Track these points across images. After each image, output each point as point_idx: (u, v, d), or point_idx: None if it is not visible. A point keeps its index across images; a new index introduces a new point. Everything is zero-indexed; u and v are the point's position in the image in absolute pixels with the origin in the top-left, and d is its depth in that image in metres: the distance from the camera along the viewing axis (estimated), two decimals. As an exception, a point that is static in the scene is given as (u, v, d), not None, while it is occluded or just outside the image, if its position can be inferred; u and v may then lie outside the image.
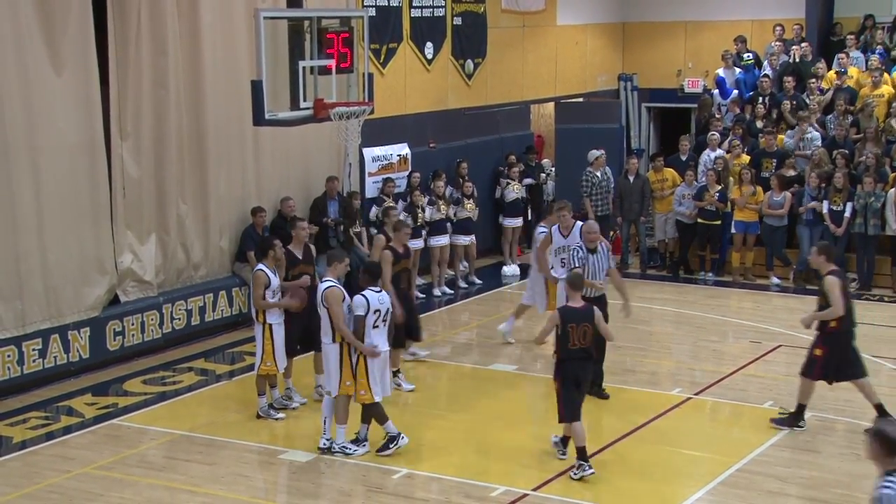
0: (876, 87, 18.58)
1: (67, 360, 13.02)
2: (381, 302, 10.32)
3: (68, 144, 12.89)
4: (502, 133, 19.72)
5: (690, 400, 11.99)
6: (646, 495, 9.78)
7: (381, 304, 10.31)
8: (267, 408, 11.63)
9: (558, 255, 12.81)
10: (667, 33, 22.84)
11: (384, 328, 10.38)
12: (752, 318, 15.51)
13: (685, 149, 18.54)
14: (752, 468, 10.20)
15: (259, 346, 11.47)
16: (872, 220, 16.29)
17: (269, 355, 11.39)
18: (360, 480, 10.04)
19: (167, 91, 13.93)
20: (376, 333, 10.28)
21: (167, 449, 10.93)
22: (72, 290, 13.04)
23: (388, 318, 10.42)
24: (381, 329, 10.34)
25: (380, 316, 10.29)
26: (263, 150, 15.38)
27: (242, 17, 14.46)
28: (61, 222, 12.89)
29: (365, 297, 10.25)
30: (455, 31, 18.72)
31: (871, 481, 9.66)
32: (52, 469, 10.41)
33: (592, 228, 12.05)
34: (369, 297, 10.27)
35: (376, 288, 10.40)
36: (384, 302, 10.37)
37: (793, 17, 20.99)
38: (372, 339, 10.24)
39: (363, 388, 10.28)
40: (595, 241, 11.89)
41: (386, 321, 10.38)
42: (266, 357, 11.40)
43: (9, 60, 12.19)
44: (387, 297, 10.49)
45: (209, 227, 14.80)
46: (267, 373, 11.51)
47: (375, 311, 10.25)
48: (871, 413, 10.95)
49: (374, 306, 10.24)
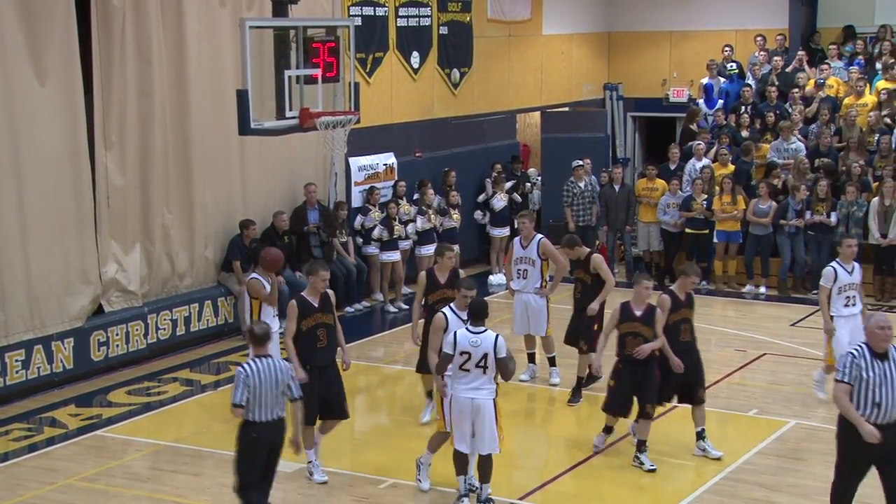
0: (860, 97, 18.67)
1: (51, 371, 12.94)
2: (473, 345, 9.13)
3: (52, 154, 12.83)
4: (488, 142, 19.74)
5: (676, 408, 11.97)
6: (632, 503, 9.78)
7: (472, 347, 9.13)
8: None
9: (516, 266, 12.75)
10: (652, 43, 22.91)
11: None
12: (736, 326, 15.53)
13: (675, 157, 18.56)
14: (738, 476, 10.21)
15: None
16: (854, 229, 16.36)
17: None
18: (346, 490, 10.00)
19: (152, 100, 13.89)
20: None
21: (152, 460, 10.87)
22: (55, 301, 12.96)
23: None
24: None
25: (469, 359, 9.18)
26: (249, 159, 15.34)
27: (228, 26, 14.44)
28: (45, 232, 12.82)
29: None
30: (441, 40, 18.73)
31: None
32: (36, 481, 10.33)
33: None
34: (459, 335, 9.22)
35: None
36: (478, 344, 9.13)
37: (776, 27, 21.09)
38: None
39: None
40: None
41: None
42: None
43: (-8, 70, 12.16)
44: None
45: (194, 237, 14.75)
46: None
47: (463, 352, 9.14)
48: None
49: (462, 347, 9.14)
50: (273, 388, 8.60)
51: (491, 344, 9.05)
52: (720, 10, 22.04)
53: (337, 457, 10.73)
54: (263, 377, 8.56)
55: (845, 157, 17.53)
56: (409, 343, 14.62)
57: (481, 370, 9.09)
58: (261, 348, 8.75)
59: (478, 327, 9.15)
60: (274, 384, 8.61)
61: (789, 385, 12.86)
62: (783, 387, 12.83)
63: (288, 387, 8.72)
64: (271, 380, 8.58)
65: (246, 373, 8.55)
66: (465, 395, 9.15)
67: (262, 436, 8.64)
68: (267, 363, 8.65)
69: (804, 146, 17.99)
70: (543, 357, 12.94)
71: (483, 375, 9.11)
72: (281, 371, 8.69)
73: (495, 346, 9.05)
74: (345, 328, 15.31)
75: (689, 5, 22.33)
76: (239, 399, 8.52)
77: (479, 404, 9.11)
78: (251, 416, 8.59)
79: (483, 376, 9.12)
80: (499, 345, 9.06)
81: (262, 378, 8.55)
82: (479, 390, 9.13)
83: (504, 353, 9.09)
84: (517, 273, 12.71)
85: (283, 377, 8.67)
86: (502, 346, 9.09)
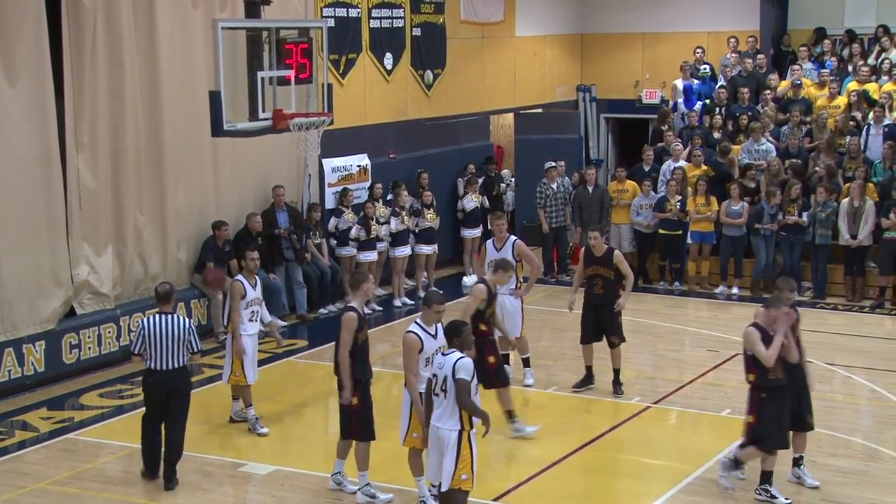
0: (832, 99, 18.81)
1: (22, 373, 12.85)
2: (439, 366, 8.50)
3: (23, 156, 12.75)
4: (462, 143, 19.76)
5: (650, 409, 12.04)
6: (607, 502, 9.80)
7: (437, 369, 8.51)
8: (240, 413, 11.56)
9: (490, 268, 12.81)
10: (624, 45, 23.01)
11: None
12: (709, 327, 15.61)
13: (649, 159, 18.64)
14: (711, 475, 10.24)
15: (228, 357, 11.45)
16: (820, 231, 16.50)
17: (237, 367, 11.32)
18: (320, 493, 9.98)
19: (124, 102, 13.83)
20: None
21: (125, 463, 10.81)
22: (27, 303, 12.88)
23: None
24: None
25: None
26: (222, 160, 15.30)
27: (200, 27, 14.40)
28: (16, 234, 12.73)
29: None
30: (414, 41, 18.74)
31: (822, 486, 9.78)
32: (7, 485, 10.26)
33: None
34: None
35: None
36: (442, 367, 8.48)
37: (748, 28, 21.22)
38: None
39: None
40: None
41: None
42: (235, 368, 11.34)
43: (-38, 71, 12.07)
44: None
45: (167, 239, 14.69)
46: (236, 383, 11.43)
47: (434, 374, 8.56)
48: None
49: (434, 370, 8.59)
50: (170, 341, 9.82)
51: (451, 366, 8.27)
52: (692, 12, 22.17)
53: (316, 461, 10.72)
54: (159, 331, 9.83)
55: (816, 158, 17.66)
56: (383, 344, 14.68)
57: (443, 395, 8.35)
58: (164, 305, 10.01)
59: (450, 349, 8.48)
60: (170, 338, 9.82)
61: (761, 385, 12.93)
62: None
63: (189, 342, 9.92)
64: (168, 334, 9.81)
65: (143, 326, 9.94)
66: (434, 423, 8.46)
67: (158, 381, 9.93)
68: (166, 318, 9.90)
69: (775, 148, 18.10)
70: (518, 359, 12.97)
71: (445, 401, 8.33)
72: (179, 327, 9.88)
73: (454, 368, 8.25)
74: (319, 329, 15.55)
75: (662, 7, 22.43)
76: (134, 348, 10.03)
77: (443, 435, 8.35)
78: (149, 364, 9.93)
79: (445, 402, 8.33)
80: (457, 365, 8.24)
81: (158, 331, 9.82)
82: (442, 419, 8.37)
83: (463, 373, 8.21)
84: None
85: (181, 332, 9.86)
86: (462, 366, 8.24)
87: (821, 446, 10.81)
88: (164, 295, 10.08)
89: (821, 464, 10.39)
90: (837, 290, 16.75)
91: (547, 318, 15.63)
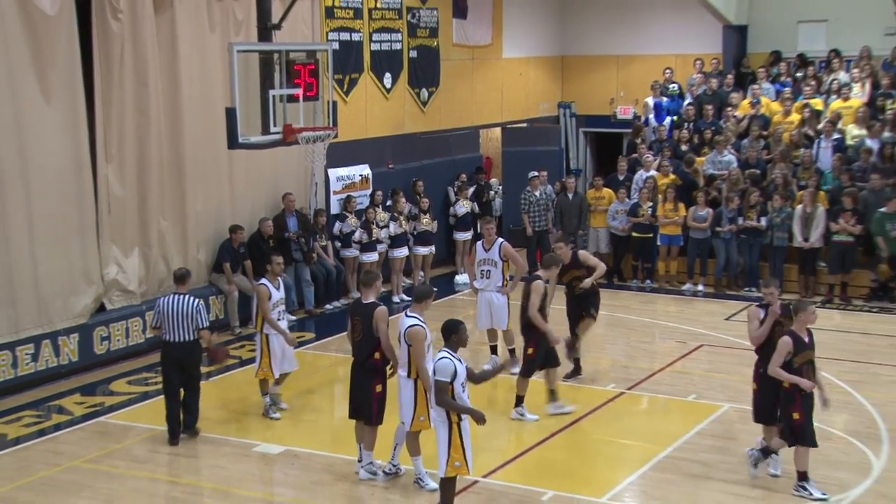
0: (787, 115, 18.90)
1: (58, 363, 12.89)
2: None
3: (57, 166, 12.78)
4: (454, 155, 19.79)
5: (624, 394, 12.10)
6: (585, 479, 9.86)
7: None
8: (269, 407, 11.44)
9: (479, 267, 12.82)
10: (601, 66, 23.06)
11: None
12: (677, 320, 15.67)
13: (623, 169, 18.70)
14: (679, 455, 10.31)
15: (258, 353, 11.30)
16: (778, 234, 16.59)
17: (265, 363, 11.20)
18: (327, 471, 10.02)
19: (148, 118, 13.85)
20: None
21: (150, 443, 10.85)
22: (61, 300, 12.90)
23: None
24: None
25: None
26: (237, 170, 15.32)
27: (217, 50, 14.42)
28: (51, 237, 12.76)
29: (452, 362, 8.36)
30: (411, 62, 18.78)
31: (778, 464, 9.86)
32: (44, 463, 10.30)
33: None
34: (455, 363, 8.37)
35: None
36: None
37: (712, 52, 21.29)
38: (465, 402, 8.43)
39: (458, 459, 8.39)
40: None
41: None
42: (263, 364, 11.22)
43: (3, 90, 12.10)
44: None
45: (188, 242, 14.71)
46: (264, 377, 11.32)
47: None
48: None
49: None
50: (180, 317, 10.40)
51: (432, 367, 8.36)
52: (661, 36, 22.22)
53: (323, 442, 10.76)
54: (172, 308, 10.42)
55: (772, 168, 17.74)
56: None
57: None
58: (179, 286, 10.65)
59: (444, 348, 8.42)
60: (181, 314, 10.40)
61: (724, 373, 13.01)
62: (719, 374, 12.98)
63: (196, 319, 10.45)
64: (179, 311, 10.40)
65: (159, 304, 10.57)
66: (432, 411, 8.56)
67: (170, 352, 10.50)
68: (178, 298, 10.49)
69: (736, 159, 18.18)
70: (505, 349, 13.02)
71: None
72: (189, 305, 10.45)
73: (434, 368, 8.31)
74: (324, 324, 15.58)
75: (635, 32, 22.49)
76: (153, 323, 10.68)
77: (436, 426, 8.46)
78: (165, 337, 10.52)
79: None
80: (435, 367, 8.25)
81: (171, 309, 10.42)
82: (436, 409, 8.39)
83: (440, 375, 8.21)
84: (481, 273, 12.77)
85: (189, 310, 10.42)
86: (438, 368, 8.21)
87: (777, 428, 10.88)
88: (179, 277, 10.75)
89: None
90: (792, 287, 16.81)
91: (531, 313, 15.65)
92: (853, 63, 19.51)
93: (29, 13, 12.30)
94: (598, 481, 9.78)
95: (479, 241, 12.93)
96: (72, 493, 9.60)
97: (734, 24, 21.35)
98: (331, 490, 9.61)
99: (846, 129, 18.12)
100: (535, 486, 9.57)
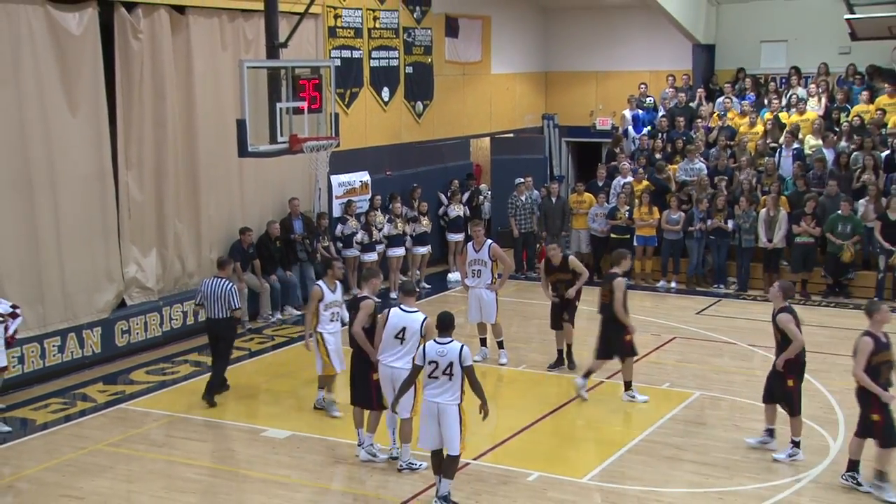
0: (752, 126, 18.94)
1: (82, 354, 12.87)
2: (440, 354, 8.48)
3: (82, 174, 12.75)
4: (447, 163, 19.77)
5: (603, 383, 12.10)
6: (567, 461, 9.87)
7: (439, 357, 8.47)
8: (322, 401, 11.09)
9: (470, 266, 12.81)
10: (581, 81, 23.08)
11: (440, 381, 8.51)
12: (651, 314, 15.69)
13: (602, 175, 18.71)
14: (654, 438, 10.33)
15: (316, 353, 10.82)
16: (745, 235, 16.61)
17: (326, 359, 10.77)
18: (330, 454, 10.01)
19: (165, 129, 13.82)
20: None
21: (167, 428, 10.83)
22: (86, 296, 12.88)
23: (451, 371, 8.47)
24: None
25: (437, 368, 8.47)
26: (247, 177, 15.29)
27: (229, 67, 14.39)
28: (77, 239, 12.73)
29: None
30: (407, 78, 18.76)
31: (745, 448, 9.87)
32: (70, 446, 10.28)
33: None
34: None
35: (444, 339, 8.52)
36: (445, 354, 8.47)
37: (683, 68, 21.33)
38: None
39: None
40: None
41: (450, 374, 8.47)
42: (325, 361, 10.78)
43: (32, 104, 12.08)
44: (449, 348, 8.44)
45: (201, 242, 14.68)
46: (327, 373, 10.90)
47: (431, 361, 8.49)
48: (749, 392, 11.12)
49: (430, 357, 8.49)
50: (216, 297, 11.20)
51: (456, 354, 8.39)
52: (636, 54, 22.26)
53: (327, 427, 10.75)
54: (210, 289, 11.26)
55: (738, 175, 17.77)
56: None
57: (448, 377, 8.40)
58: (220, 271, 11.53)
59: (444, 338, 8.48)
60: (216, 295, 11.20)
61: (695, 363, 13.03)
62: (690, 364, 13.00)
63: (228, 300, 11.20)
64: (215, 292, 11.22)
65: (202, 285, 11.44)
66: (432, 399, 8.49)
67: (209, 327, 11.49)
68: (216, 281, 11.33)
69: (706, 166, 18.21)
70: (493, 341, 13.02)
71: (449, 382, 8.41)
72: (223, 288, 11.23)
73: (460, 356, 8.39)
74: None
75: (612, 50, 22.53)
76: (196, 301, 11.61)
77: (444, 408, 8.46)
78: (206, 314, 11.47)
79: (449, 383, 8.42)
80: (464, 354, 8.39)
81: (210, 290, 11.26)
82: (444, 395, 8.45)
83: (469, 361, 8.40)
84: (471, 272, 12.76)
85: (223, 292, 11.20)
86: (467, 355, 8.41)
87: (745, 412, 10.92)
88: (220, 262, 11.71)
89: (745, 427, 10.48)
90: (757, 285, 16.85)
91: (517, 308, 15.68)
92: (811, 79, 19.59)
93: (57, 34, 12.27)
94: (580, 463, 9.79)
95: (470, 242, 12.93)
96: (95, 473, 9.58)
97: (703, 43, 21.40)
98: (332, 471, 9.60)
99: (805, 140, 18.18)
100: (521, 467, 9.57)
